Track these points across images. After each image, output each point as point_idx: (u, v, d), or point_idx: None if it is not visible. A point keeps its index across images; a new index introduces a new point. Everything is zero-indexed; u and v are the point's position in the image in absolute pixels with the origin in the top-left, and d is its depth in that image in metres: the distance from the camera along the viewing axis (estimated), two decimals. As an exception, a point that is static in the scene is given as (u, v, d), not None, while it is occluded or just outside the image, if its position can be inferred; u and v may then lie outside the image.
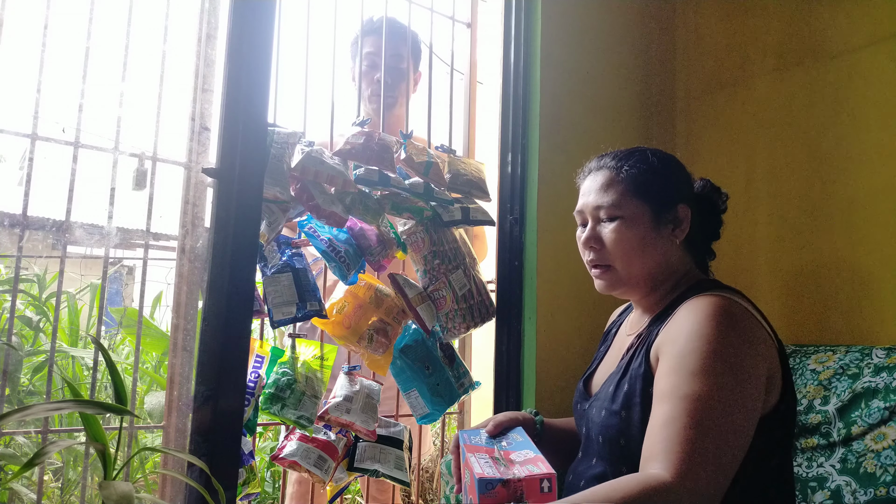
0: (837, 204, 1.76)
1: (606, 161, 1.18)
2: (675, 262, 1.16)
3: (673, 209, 1.14)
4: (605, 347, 1.30)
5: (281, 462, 1.33)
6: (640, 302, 1.20)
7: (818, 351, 1.55)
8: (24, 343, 2.40)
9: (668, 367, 0.98)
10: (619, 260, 1.13)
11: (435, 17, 1.79)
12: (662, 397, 0.96)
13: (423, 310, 1.48)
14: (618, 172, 1.15)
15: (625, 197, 1.12)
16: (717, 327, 0.97)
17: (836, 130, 1.78)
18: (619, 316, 1.36)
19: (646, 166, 1.15)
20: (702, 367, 0.94)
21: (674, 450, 0.89)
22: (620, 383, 1.09)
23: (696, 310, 1.01)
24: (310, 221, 1.42)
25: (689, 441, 0.89)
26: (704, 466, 0.88)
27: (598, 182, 1.16)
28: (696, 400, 0.92)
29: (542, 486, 0.86)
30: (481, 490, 0.84)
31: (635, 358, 1.09)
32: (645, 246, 1.12)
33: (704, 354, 0.95)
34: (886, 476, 1.27)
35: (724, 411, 0.91)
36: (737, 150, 2.02)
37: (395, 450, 1.43)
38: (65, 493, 2.39)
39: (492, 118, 1.88)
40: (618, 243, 1.12)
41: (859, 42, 1.76)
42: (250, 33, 1.25)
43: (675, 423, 0.91)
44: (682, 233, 1.14)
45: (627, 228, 1.12)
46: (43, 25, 1.22)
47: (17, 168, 3.15)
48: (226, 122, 1.21)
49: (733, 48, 2.07)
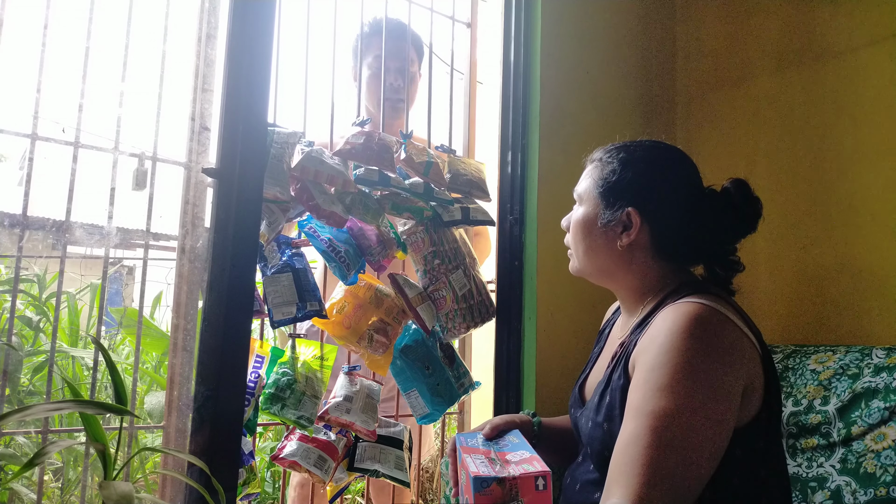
0: (837, 204, 1.76)
1: (600, 153, 1.21)
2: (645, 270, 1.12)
3: (620, 211, 1.11)
4: (598, 349, 1.29)
5: (281, 462, 1.33)
6: (624, 302, 1.20)
7: (818, 351, 1.54)
8: (24, 343, 2.40)
9: (638, 380, 0.95)
10: (571, 244, 1.21)
11: (435, 17, 1.79)
12: (629, 413, 0.93)
13: (423, 310, 1.48)
14: (596, 163, 1.20)
15: (591, 190, 1.17)
16: (689, 339, 0.92)
17: (836, 130, 1.78)
18: (612, 314, 1.35)
19: (616, 163, 1.14)
20: (669, 383, 0.90)
21: (634, 472, 0.86)
22: (604, 394, 1.08)
23: (670, 319, 0.97)
24: (310, 221, 1.42)
25: (651, 463, 0.86)
26: (664, 489, 0.84)
27: (586, 169, 1.22)
28: (660, 417, 0.88)
29: (538, 483, 0.86)
30: (476, 488, 0.85)
31: (616, 369, 1.07)
32: (589, 239, 1.15)
33: (673, 369, 0.91)
34: (886, 476, 1.27)
35: (689, 427, 0.88)
36: (737, 150, 2.02)
37: (395, 450, 1.43)
38: (65, 493, 2.39)
39: (492, 118, 1.88)
40: (572, 232, 1.19)
41: (859, 42, 1.76)
42: (250, 33, 1.25)
43: (638, 442, 0.88)
44: (627, 238, 1.10)
45: (580, 218, 1.17)
46: (43, 25, 1.22)
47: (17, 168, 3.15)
48: (226, 122, 1.21)
49: (733, 48, 2.07)
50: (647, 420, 0.89)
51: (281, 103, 1.40)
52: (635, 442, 0.89)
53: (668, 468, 0.86)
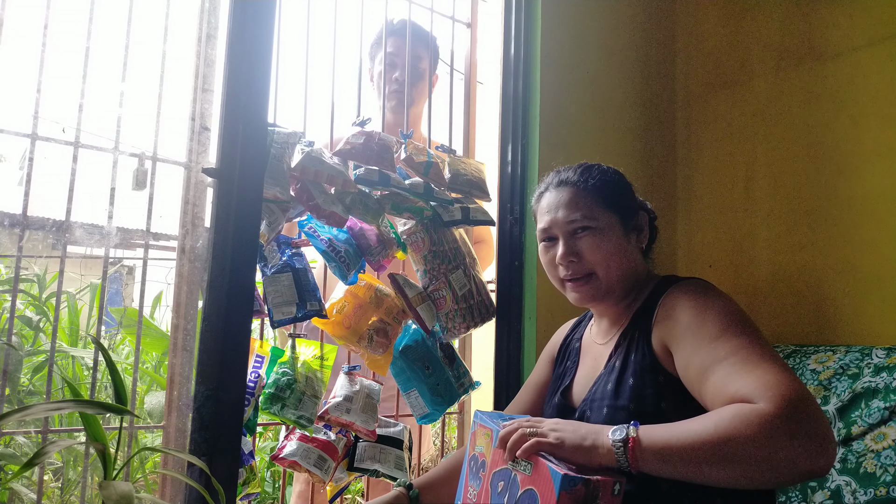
0: (837, 204, 1.76)
1: (568, 176, 1.19)
2: (639, 267, 1.20)
3: (636, 217, 1.20)
4: (572, 362, 1.27)
5: (281, 462, 1.33)
6: (608, 311, 1.20)
7: (818, 351, 1.55)
8: (24, 343, 2.40)
9: (691, 344, 1.00)
10: (599, 266, 1.14)
11: (435, 17, 1.79)
12: (707, 367, 0.96)
13: (423, 310, 1.48)
14: (584, 186, 1.17)
15: (595, 209, 1.15)
16: (715, 295, 1.04)
17: (836, 130, 1.79)
18: (572, 330, 1.35)
19: (607, 178, 1.19)
20: (725, 326, 0.97)
21: (756, 384, 0.88)
22: (622, 379, 1.08)
23: (687, 291, 1.07)
24: (310, 221, 1.42)
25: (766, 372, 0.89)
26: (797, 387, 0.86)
27: (564, 198, 1.17)
28: (740, 350, 0.94)
29: (615, 489, 0.87)
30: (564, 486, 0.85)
31: (633, 352, 1.09)
32: (620, 252, 1.15)
33: (720, 316, 0.99)
34: (886, 476, 1.27)
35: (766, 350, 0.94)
36: (737, 150, 2.02)
37: (395, 450, 1.43)
38: (65, 493, 2.39)
39: (492, 118, 1.88)
40: (596, 251, 1.14)
41: (859, 42, 1.76)
42: (250, 33, 1.25)
43: (737, 371, 0.91)
44: (644, 239, 1.20)
45: (603, 237, 1.14)
46: (43, 25, 1.22)
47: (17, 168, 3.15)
48: (226, 122, 1.21)
49: (733, 48, 2.07)
50: (731, 358, 0.94)
51: (281, 103, 1.40)
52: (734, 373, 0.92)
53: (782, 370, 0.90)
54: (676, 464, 0.87)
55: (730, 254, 1.99)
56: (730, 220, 2.01)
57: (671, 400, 1.02)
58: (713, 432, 0.85)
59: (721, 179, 2.05)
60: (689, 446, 0.86)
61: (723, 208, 2.03)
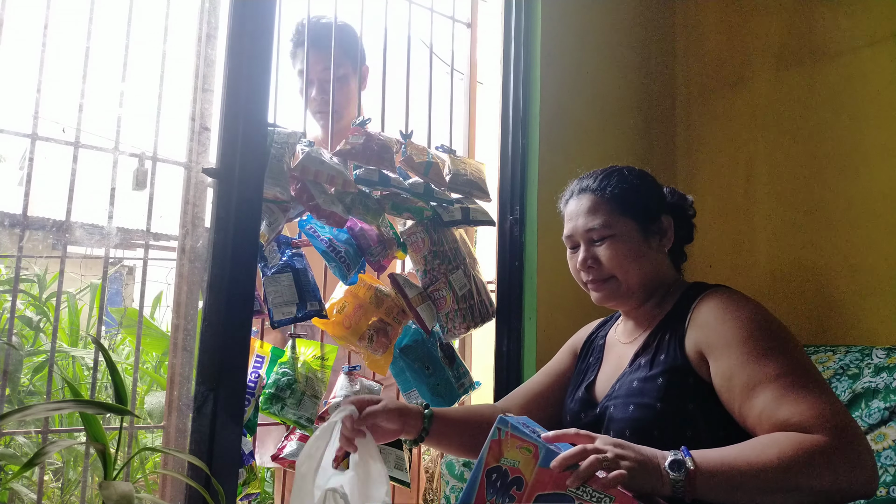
0: (837, 204, 1.76)
1: (588, 183, 1.22)
2: (664, 270, 1.22)
3: (658, 221, 1.20)
4: (595, 358, 1.28)
5: (281, 462, 1.33)
6: (634, 311, 1.22)
7: (818, 351, 1.54)
8: (24, 343, 2.40)
9: (736, 357, 1.01)
10: (618, 271, 1.17)
11: (435, 17, 1.79)
12: (754, 386, 0.98)
13: (423, 310, 1.48)
14: (602, 194, 1.19)
15: (613, 216, 1.17)
16: (755, 310, 1.06)
17: (836, 130, 1.78)
18: (598, 328, 1.37)
19: (626, 185, 1.20)
20: (772, 345, 1.00)
21: (811, 414, 0.91)
22: (650, 378, 1.09)
23: (725, 301, 1.08)
24: (310, 221, 1.42)
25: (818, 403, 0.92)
26: (847, 420, 0.91)
27: (584, 206, 1.20)
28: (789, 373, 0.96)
29: None
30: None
31: (663, 353, 1.11)
32: (639, 257, 1.17)
33: (766, 332, 1.01)
34: (886, 476, 1.27)
35: (813, 372, 0.98)
36: (737, 150, 2.02)
37: (395, 450, 1.43)
38: (65, 493, 2.39)
39: (492, 118, 1.88)
40: (614, 258, 1.16)
41: (859, 42, 1.76)
42: (250, 33, 1.25)
43: (788, 396, 0.94)
44: (668, 242, 1.21)
45: (621, 244, 1.17)
46: (43, 25, 1.22)
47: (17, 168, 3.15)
48: (226, 122, 1.21)
49: (733, 48, 2.06)
50: (779, 380, 0.96)
51: (281, 103, 1.40)
52: (786, 398, 0.94)
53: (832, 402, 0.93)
54: (736, 492, 0.88)
55: (730, 254, 1.98)
56: (730, 220, 2.01)
57: (698, 402, 1.04)
58: (777, 464, 0.87)
59: (721, 179, 2.05)
60: (752, 476, 0.87)
61: (723, 208, 2.03)
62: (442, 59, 1.92)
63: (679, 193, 1.29)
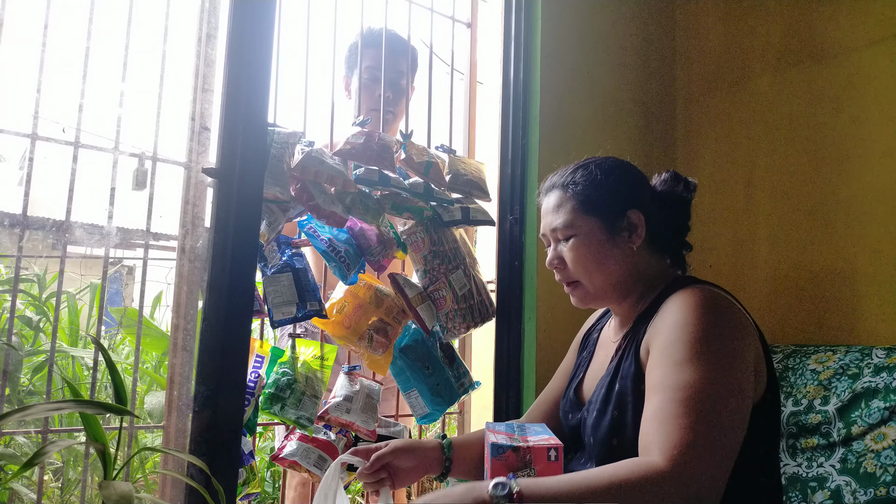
0: (837, 204, 1.76)
1: (556, 180, 1.20)
2: (643, 266, 1.16)
3: (622, 217, 1.14)
4: (587, 354, 1.28)
5: (281, 462, 1.33)
6: (617, 310, 1.21)
7: (818, 351, 1.54)
8: (24, 343, 2.40)
9: (657, 359, 0.99)
10: (581, 275, 1.15)
11: (435, 17, 1.79)
12: (653, 390, 0.96)
13: (423, 310, 1.48)
14: (565, 191, 1.17)
15: (575, 215, 1.15)
16: (703, 315, 0.98)
17: (836, 130, 1.78)
18: (597, 320, 1.36)
19: (589, 181, 1.16)
20: (690, 355, 0.94)
21: (667, 439, 0.88)
22: (612, 385, 1.09)
23: (681, 301, 1.02)
24: (310, 221, 1.42)
25: (682, 428, 0.88)
26: (699, 454, 0.87)
27: (552, 203, 1.19)
28: (687, 388, 0.92)
29: (549, 454, 0.92)
30: (493, 454, 0.92)
31: (625, 358, 1.09)
32: (602, 258, 1.13)
33: (692, 342, 0.95)
34: (886, 476, 1.27)
35: (717, 397, 0.91)
36: (737, 150, 2.02)
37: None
38: (65, 493, 2.39)
39: (492, 118, 1.88)
40: (576, 261, 1.14)
41: (859, 42, 1.76)
42: (250, 33, 1.25)
43: (666, 412, 0.91)
44: (638, 238, 1.14)
45: (583, 245, 1.14)
46: (43, 25, 1.22)
47: (17, 168, 3.14)
48: (226, 122, 1.21)
49: (733, 48, 2.07)
50: (672, 393, 0.92)
51: (281, 103, 1.40)
52: (663, 413, 0.91)
53: (701, 435, 0.88)
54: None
55: (730, 254, 1.99)
56: (730, 220, 2.01)
57: None
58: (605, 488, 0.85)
59: (721, 179, 2.05)
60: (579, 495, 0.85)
61: (723, 208, 2.03)
62: (442, 59, 1.92)
63: (675, 177, 1.22)
